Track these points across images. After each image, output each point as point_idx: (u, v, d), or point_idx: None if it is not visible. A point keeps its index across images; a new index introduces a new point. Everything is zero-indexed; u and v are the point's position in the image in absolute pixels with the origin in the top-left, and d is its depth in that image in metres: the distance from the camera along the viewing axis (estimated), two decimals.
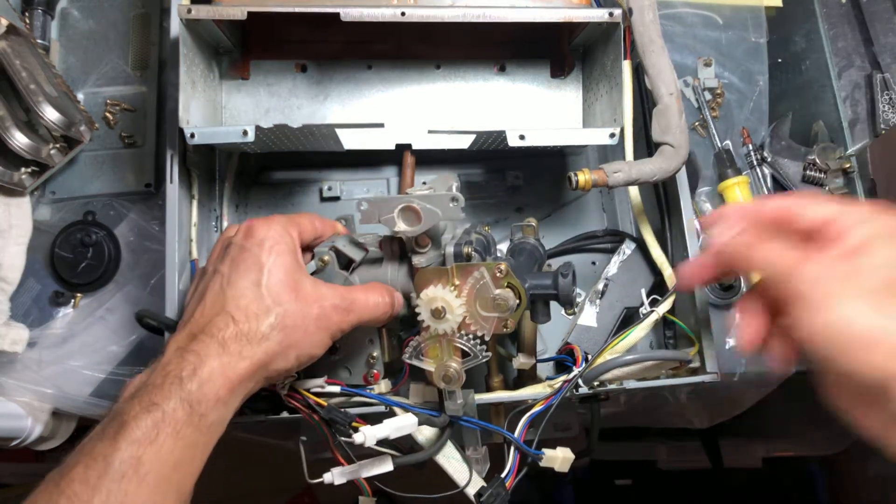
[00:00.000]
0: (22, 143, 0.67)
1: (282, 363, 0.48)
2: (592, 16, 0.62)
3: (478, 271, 0.51)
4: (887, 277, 0.39)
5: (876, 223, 0.41)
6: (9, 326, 0.68)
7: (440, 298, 0.50)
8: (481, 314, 0.51)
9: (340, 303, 0.50)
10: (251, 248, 0.50)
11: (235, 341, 0.46)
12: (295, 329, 0.48)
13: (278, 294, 0.48)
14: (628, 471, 1.50)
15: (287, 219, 0.53)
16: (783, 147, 0.80)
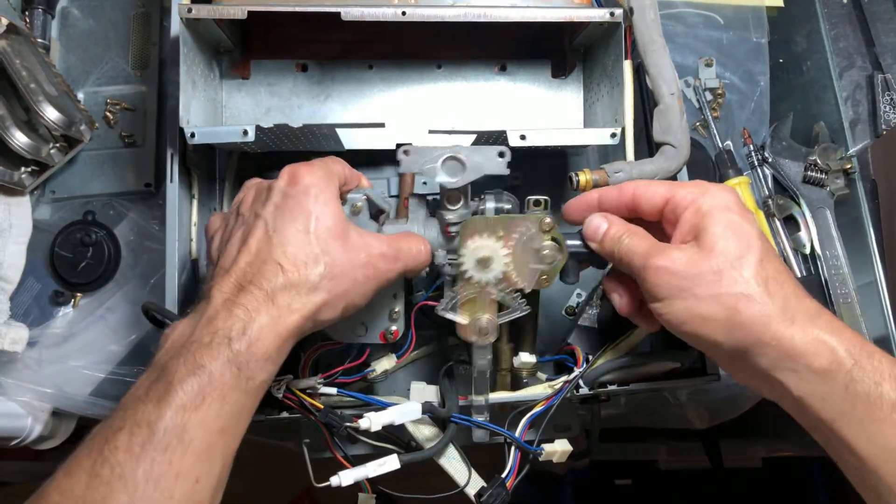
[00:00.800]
0: (22, 143, 0.67)
1: (329, 313, 0.47)
2: (593, 15, 0.62)
3: (526, 223, 0.51)
4: (719, 260, 0.45)
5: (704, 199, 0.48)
6: (9, 326, 0.68)
7: (487, 247, 0.50)
8: (526, 266, 0.52)
9: (387, 250, 0.49)
10: (296, 195, 0.48)
11: (285, 292, 0.45)
12: (344, 278, 0.47)
13: (327, 242, 0.47)
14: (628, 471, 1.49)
15: (326, 164, 0.52)
16: (784, 147, 0.80)
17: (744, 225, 0.47)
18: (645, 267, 0.47)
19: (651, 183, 0.52)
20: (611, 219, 0.52)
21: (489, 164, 0.50)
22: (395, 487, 0.57)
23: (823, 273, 0.76)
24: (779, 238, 0.78)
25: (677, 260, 0.46)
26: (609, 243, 0.52)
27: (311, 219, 0.47)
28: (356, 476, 0.53)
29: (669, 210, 0.50)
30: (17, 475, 1.34)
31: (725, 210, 0.47)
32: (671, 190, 0.50)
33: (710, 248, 0.46)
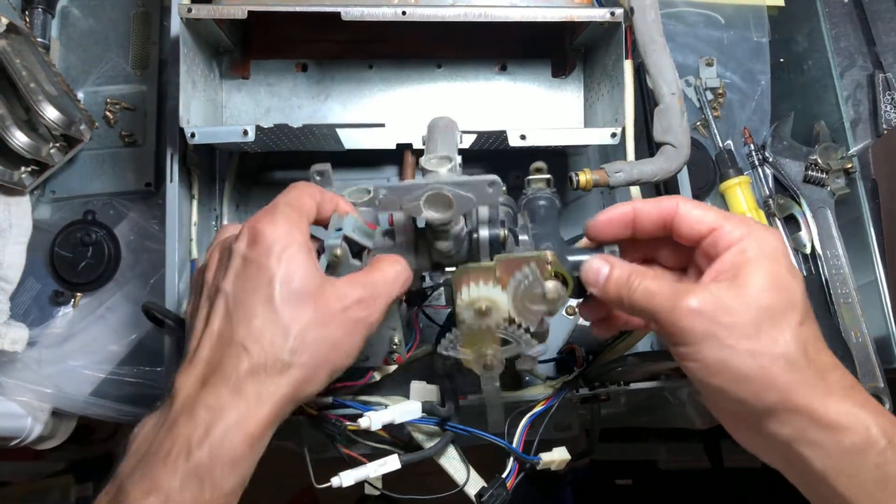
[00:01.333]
0: (22, 142, 0.67)
1: (312, 387, 0.42)
2: (594, 15, 0.62)
3: (526, 267, 0.45)
4: (759, 312, 0.41)
5: (751, 242, 0.43)
6: (8, 326, 0.68)
7: (484, 298, 0.45)
8: (529, 308, 0.47)
9: (363, 293, 0.44)
10: (257, 259, 0.42)
11: (252, 379, 0.40)
12: (321, 343, 0.42)
13: (296, 309, 0.41)
14: (629, 471, 1.49)
15: (291, 209, 0.46)
16: (785, 147, 0.80)
17: (790, 280, 0.43)
18: (674, 309, 0.42)
19: (698, 205, 0.46)
20: (611, 260, 0.47)
21: (479, 197, 0.45)
22: (395, 487, 0.57)
23: (824, 273, 0.76)
24: None
25: (712, 303, 0.41)
26: (615, 288, 0.45)
27: (276, 284, 0.41)
28: (357, 476, 0.53)
29: (710, 243, 0.45)
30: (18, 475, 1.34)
31: (773, 260, 0.43)
32: (719, 221, 0.45)
33: (751, 298, 0.41)
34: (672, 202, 0.47)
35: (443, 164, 0.48)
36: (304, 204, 0.47)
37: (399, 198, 0.45)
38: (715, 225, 0.44)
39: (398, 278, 0.47)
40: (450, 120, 0.58)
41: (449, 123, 0.58)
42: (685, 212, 0.46)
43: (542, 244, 0.50)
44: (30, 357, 0.69)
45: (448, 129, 0.56)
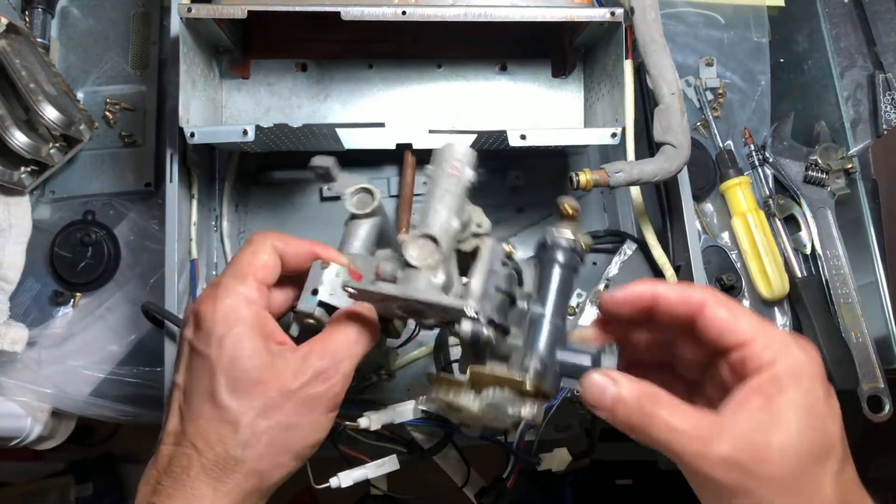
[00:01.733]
0: (22, 143, 0.67)
1: (277, 474, 0.40)
2: (594, 15, 0.62)
3: (497, 392, 0.41)
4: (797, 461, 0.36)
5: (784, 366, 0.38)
6: (8, 326, 0.68)
7: (453, 404, 0.42)
8: (502, 419, 0.42)
9: (321, 364, 0.40)
10: (199, 347, 0.40)
11: (205, 478, 0.38)
12: (275, 431, 0.39)
13: (241, 397, 0.39)
14: (629, 471, 1.49)
15: (236, 281, 0.42)
16: (785, 147, 0.80)
17: (827, 417, 0.38)
18: (701, 454, 0.36)
19: (730, 306, 0.40)
20: (616, 377, 0.40)
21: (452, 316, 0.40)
22: (395, 487, 0.57)
23: (824, 273, 0.76)
24: (779, 238, 0.78)
25: (746, 451, 0.36)
26: (625, 416, 0.39)
27: (218, 377, 0.39)
28: (355, 477, 0.53)
29: (738, 359, 0.39)
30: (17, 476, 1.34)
31: (809, 393, 0.37)
32: (751, 333, 0.39)
33: (788, 443, 0.36)
34: (700, 296, 0.40)
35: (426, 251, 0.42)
36: (257, 267, 0.43)
37: (370, 297, 0.42)
38: (746, 338, 0.39)
39: (362, 337, 0.43)
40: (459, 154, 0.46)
41: (455, 167, 0.46)
42: (714, 314, 0.40)
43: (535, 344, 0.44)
44: (29, 357, 0.69)
45: (453, 176, 0.46)
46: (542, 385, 0.41)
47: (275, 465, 0.39)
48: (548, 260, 0.47)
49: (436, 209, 0.44)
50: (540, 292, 0.46)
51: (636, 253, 0.71)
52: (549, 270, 0.46)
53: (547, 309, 0.45)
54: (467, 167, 0.46)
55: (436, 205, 0.44)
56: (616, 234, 0.74)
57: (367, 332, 0.43)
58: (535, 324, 0.44)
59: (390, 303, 0.41)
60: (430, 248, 0.42)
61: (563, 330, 0.46)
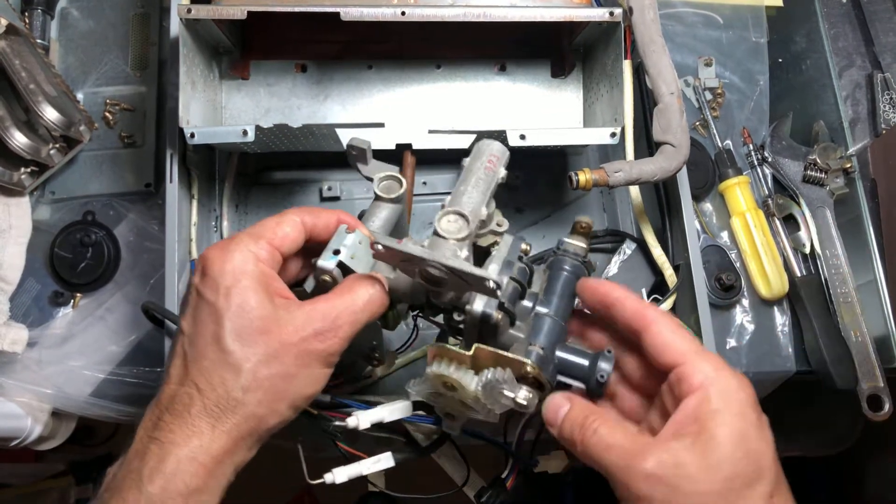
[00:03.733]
0: (21, 143, 0.67)
1: (273, 420, 0.42)
2: (593, 15, 0.62)
3: (500, 370, 0.43)
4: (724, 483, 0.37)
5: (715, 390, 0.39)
6: (8, 326, 0.68)
7: (453, 378, 0.43)
8: (497, 401, 0.44)
9: (322, 325, 0.42)
10: (206, 294, 0.42)
11: (205, 416, 0.40)
12: (276, 378, 0.41)
13: (246, 345, 0.40)
14: None
15: (251, 238, 0.44)
16: (784, 147, 0.80)
17: (758, 442, 0.39)
18: (629, 468, 0.38)
19: (674, 329, 0.42)
20: (574, 400, 0.43)
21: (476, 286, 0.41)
22: (394, 487, 0.57)
23: (823, 272, 0.76)
24: (779, 238, 0.78)
25: (672, 467, 0.37)
26: (569, 429, 0.42)
27: (224, 322, 0.41)
28: (350, 473, 0.53)
29: (675, 379, 0.41)
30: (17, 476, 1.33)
31: (739, 415, 0.39)
32: (687, 356, 0.41)
33: (716, 464, 0.37)
34: (652, 315, 0.43)
35: (455, 226, 0.45)
36: (275, 233, 0.45)
37: (395, 257, 0.43)
38: (681, 360, 0.41)
39: (369, 304, 0.44)
40: (497, 151, 0.51)
41: (493, 161, 0.51)
42: (658, 331, 0.42)
43: (537, 337, 0.46)
44: (29, 358, 0.69)
45: (489, 169, 0.50)
46: (542, 372, 0.42)
47: (272, 410, 0.41)
48: (557, 266, 0.49)
49: (469, 193, 0.47)
50: (547, 294, 0.48)
51: (636, 252, 0.71)
52: (557, 275, 0.49)
53: (552, 308, 0.47)
54: (502, 165, 0.49)
55: (470, 189, 0.47)
56: (615, 233, 0.74)
57: (374, 301, 0.44)
58: (539, 319, 0.46)
59: (413, 266, 0.43)
60: (461, 223, 0.45)
61: (565, 330, 0.48)
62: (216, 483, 0.40)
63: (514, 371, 0.43)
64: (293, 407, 0.42)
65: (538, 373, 0.42)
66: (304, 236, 0.46)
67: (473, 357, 0.43)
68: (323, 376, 0.43)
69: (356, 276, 0.45)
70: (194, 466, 0.39)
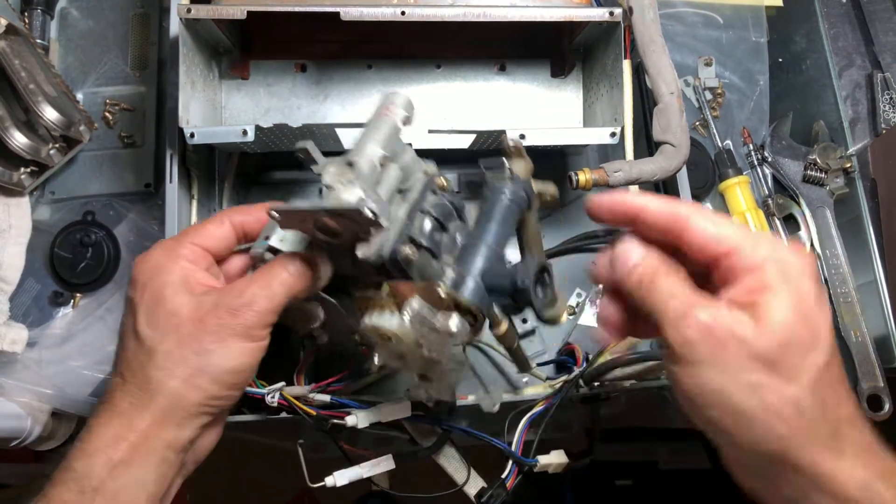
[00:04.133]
0: (21, 143, 0.67)
1: (195, 395, 0.43)
2: (593, 15, 0.62)
3: (416, 300, 0.41)
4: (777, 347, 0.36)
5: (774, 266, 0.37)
6: (8, 326, 0.68)
7: (383, 329, 0.43)
8: (432, 339, 0.42)
9: (235, 301, 0.44)
10: (129, 293, 0.46)
11: (127, 398, 0.43)
12: (189, 356, 0.43)
13: (157, 329, 0.44)
14: (629, 471, 1.49)
15: (178, 237, 0.47)
16: (784, 147, 0.80)
17: (817, 311, 0.37)
18: (685, 316, 0.37)
19: (716, 221, 0.39)
20: (649, 249, 0.41)
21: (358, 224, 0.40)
22: (394, 487, 0.57)
23: (823, 272, 0.76)
24: (779, 238, 0.78)
25: (728, 325, 0.36)
26: (637, 277, 0.40)
27: (139, 313, 0.44)
28: (350, 476, 0.54)
29: (728, 266, 0.38)
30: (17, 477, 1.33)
31: (797, 286, 0.37)
32: (739, 241, 0.38)
33: (770, 331, 0.36)
34: (685, 211, 0.40)
35: (338, 170, 0.43)
36: (198, 232, 0.48)
37: (293, 219, 0.43)
38: (733, 245, 0.38)
39: (284, 278, 0.45)
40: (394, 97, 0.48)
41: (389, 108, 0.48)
42: (698, 227, 0.39)
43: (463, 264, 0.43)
44: (29, 358, 0.69)
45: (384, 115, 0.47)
46: (462, 295, 0.41)
47: (191, 386, 0.43)
48: (493, 191, 0.46)
49: (361, 142, 0.46)
50: (478, 223, 0.46)
51: None
52: (491, 200, 0.46)
53: (483, 235, 0.45)
54: (400, 109, 0.47)
55: (362, 138, 0.46)
56: (615, 233, 0.74)
57: (290, 275, 0.45)
58: (466, 247, 0.44)
59: (307, 223, 0.42)
60: (345, 169, 0.43)
61: (501, 256, 0.45)
62: (145, 459, 0.43)
63: (431, 299, 0.41)
64: (216, 381, 0.44)
65: (453, 294, 0.41)
66: (233, 233, 0.49)
67: (392, 296, 0.42)
68: (245, 350, 0.44)
69: (279, 258, 0.46)
70: (116, 442, 0.42)
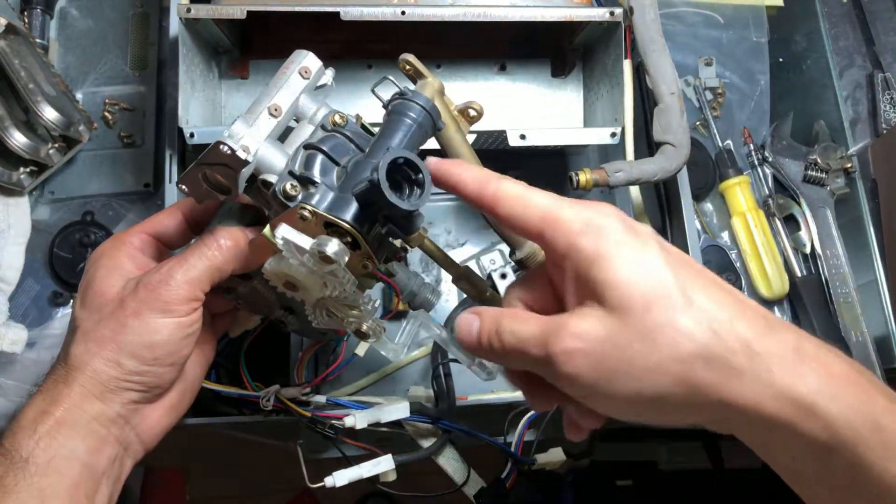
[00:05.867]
0: (21, 143, 0.67)
1: (113, 370, 0.44)
2: (593, 15, 0.62)
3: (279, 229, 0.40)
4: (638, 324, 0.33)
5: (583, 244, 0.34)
6: (7, 327, 0.68)
7: (272, 271, 0.42)
8: (323, 272, 0.40)
9: (154, 277, 0.44)
10: (78, 285, 0.48)
11: (51, 375, 0.44)
12: (105, 331, 0.44)
13: (85, 308, 0.45)
14: (629, 471, 1.49)
15: (129, 229, 0.49)
16: (784, 147, 0.80)
17: (644, 254, 0.34)
18: (549, 357, 0.34)
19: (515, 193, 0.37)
20: (482, 311, 0.38)
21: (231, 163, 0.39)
22: (394, 487, 0.57)
23: (824, 272, 0.76)
24: (779, 237, 0.78)
25: (588, 334, 0.33)
26: (487, 340, 0.37)
27: (78, 297, 0.47)
28: (350, 476, 0.53)
29: (550, 255, 0.37)
30: None
31: (615, 244, 0.34)
32: (544, 222, 0.36)
33: (621, 307, 0.33)
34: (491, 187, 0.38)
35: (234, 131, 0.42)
36: (151, 220, 0.50)
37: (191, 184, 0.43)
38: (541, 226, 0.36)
39: (199, 258, 0.45)
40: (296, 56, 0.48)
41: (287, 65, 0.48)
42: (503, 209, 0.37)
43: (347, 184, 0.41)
44: (28, 358, 0.69)
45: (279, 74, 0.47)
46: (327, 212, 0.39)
47: (108, 361, 0.44)
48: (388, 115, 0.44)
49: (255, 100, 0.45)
50: (372, 147, 0.43)
51: None
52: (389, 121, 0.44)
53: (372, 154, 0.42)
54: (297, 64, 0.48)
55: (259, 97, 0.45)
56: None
57: (213, 249, 0.46)
58: (352, 168, 0.42)
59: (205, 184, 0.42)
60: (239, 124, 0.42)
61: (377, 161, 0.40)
62: (71, 431, 0.43)
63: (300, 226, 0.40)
64: (134, 356, 0.44)
65: (316, 213, 0.39)
66: (184, 222, 0.50)
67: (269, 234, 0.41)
68: (160, 325, 0.44)
69: (204, 236, 0.46)
70: (41, 417, 0.42)
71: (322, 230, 0.40)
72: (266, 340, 0.60)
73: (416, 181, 0.39)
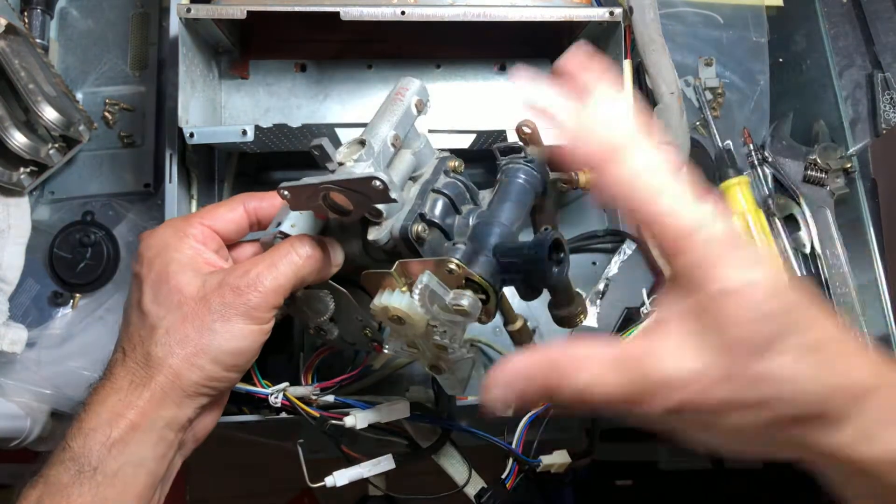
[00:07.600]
0: (21, 143, 0.67)
1: (194, 374, 0.42)
2: (593, 15, 0.62)
3: (422, 276, 0.40)
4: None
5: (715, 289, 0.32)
6: (7, 327, 0.68)
7: (392, 308, 0.41)
8: (443, 317, 0.41)
9: (240, 281, 0.43)
10: (134, 268, 0.46)
11: (127, 374, 0.42)
12: (191, 334, 0.42)
13: (161, 305, 0.43)
14: (629, 471, 1.49)
15: (181, 220, 0.47)
16: (784, 147, 0.80)
17: None
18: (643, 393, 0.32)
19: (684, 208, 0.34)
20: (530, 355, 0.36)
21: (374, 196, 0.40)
22: (394, 488, 0.57)
23: (823, 273, 0.76)
24: (779, 237, 0.78)
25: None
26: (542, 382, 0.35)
27: (144, 288, 0.44)
28: (351, 476, 0.54)
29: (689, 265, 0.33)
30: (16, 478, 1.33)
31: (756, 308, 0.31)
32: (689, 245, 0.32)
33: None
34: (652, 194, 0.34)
35: (351, 149, 0.43)
36: (209, 213, 0.48)
37: (301, 196, 0.42)
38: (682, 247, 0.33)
39: (292, 260, 0.44)
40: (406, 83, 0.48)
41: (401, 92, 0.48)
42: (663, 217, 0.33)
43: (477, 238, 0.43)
44: (29, 358, 0.69)
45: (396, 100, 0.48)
46: (471, 268, 0.40)
47: (191, 365, 0.42)
48: (507, 174, 0.46)
49: (373, 122, 0.46)
50: (492, 204, 0.46)
51: (636, 252, 0.71)
52: (505, 182, 0.46)
53: (496, 215, 0.44)
54: (413, 94, 0.47)
55: (375, 119, 0.46)
56: (616, 233, 0.74)
57: (302, 257, 0.45)
58: (479, 226, 0.44)
59: (316, 200, 0.42)
60: (356, 147, 0.43)
61: (513, 234, 0.44)
62: (144, 437, 0.42)
63: (442, 276, 0.40)
64: (217, 362, 0.43)
65: (465, 268, 0.39)
66: (246, 218, 0.49)
67: (402, 275, 0.41)
68: (247, 332, 0.43)
69: (289, 239, 0.46)
70: (115, 420, 0.41)
71: (460, 282, 0.41)
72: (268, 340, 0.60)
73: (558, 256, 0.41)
